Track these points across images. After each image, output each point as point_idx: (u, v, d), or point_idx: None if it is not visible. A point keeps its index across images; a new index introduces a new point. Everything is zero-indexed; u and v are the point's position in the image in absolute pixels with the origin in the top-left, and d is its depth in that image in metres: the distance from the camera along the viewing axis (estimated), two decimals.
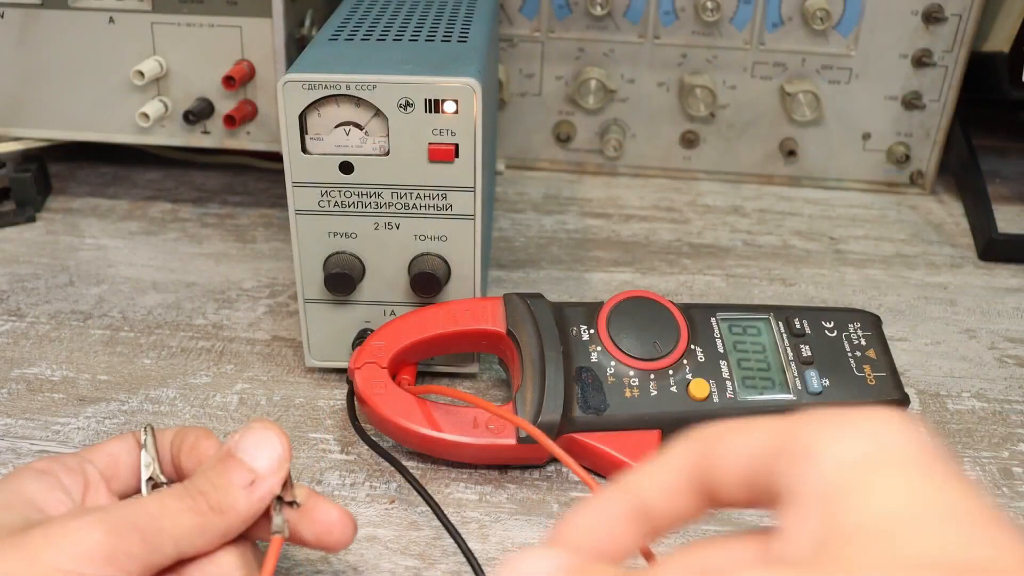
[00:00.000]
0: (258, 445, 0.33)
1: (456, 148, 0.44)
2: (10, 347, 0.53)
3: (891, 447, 0.23)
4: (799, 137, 0.73)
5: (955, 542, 0.20)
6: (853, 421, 0.24)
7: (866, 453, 0.22)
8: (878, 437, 0.23)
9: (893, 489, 0.22)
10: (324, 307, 0.49)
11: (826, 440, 0.23)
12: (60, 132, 0.65)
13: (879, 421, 0.23)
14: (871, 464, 0.22)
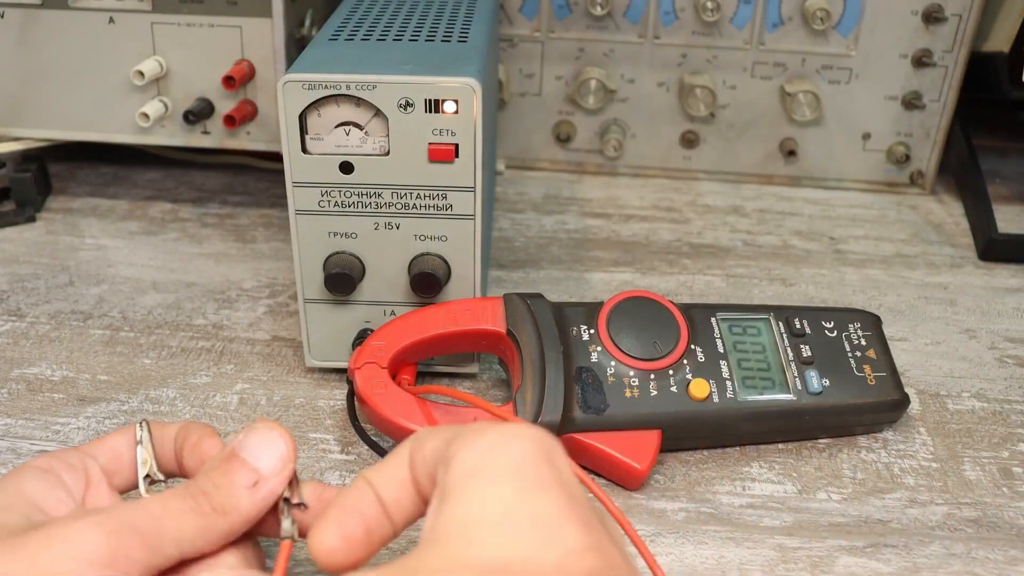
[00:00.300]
0: (261, 445, 0.33)
1: (456, 148, 0.44)
2: (10, 347, 0.53)
3: (499, 458, 0.27)
4: (799, 137, 0.73)
5: (522, 545, 0.24)
6: (484, 432, 0.28)
7: (475, 463, 0.27)
8: (493, 448, 0.27)
9: (483, 496, 0.26)
10: (324, 307, 0.49)
11: (459, 448, 0.28)
12: (60, 132, 0.65)
13: (503, 434, 0.27)
14: (475, 472, 0.26)
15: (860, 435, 0.48)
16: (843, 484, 0.45)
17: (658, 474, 0.45)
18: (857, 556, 0.41)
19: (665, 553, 0.41)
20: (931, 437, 0.48)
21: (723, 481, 0.45)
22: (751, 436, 0.47)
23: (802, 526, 0.43)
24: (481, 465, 0.27)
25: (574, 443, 0.44)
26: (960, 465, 0.46)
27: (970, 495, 0.45)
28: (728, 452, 0.47)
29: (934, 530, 0.42)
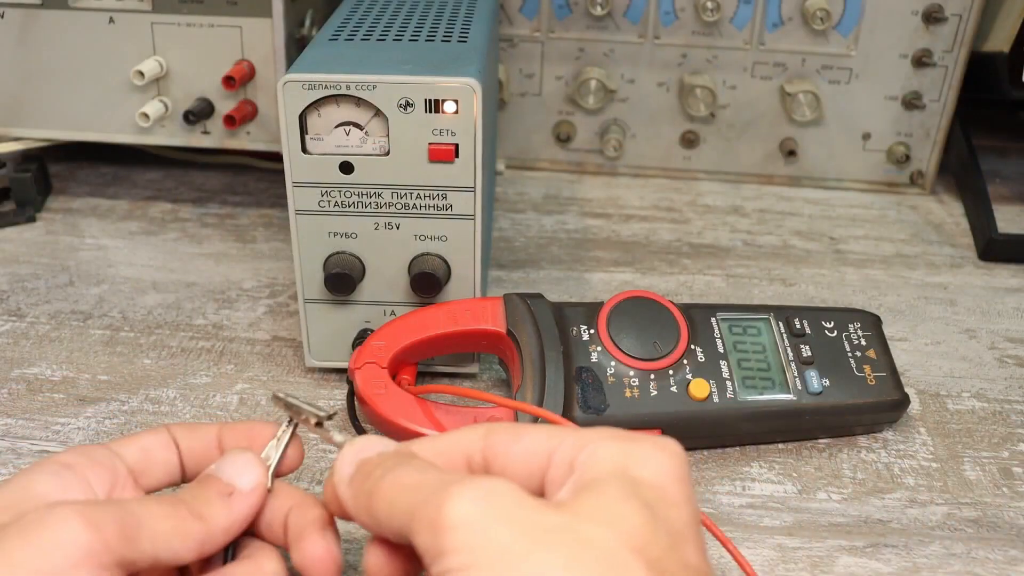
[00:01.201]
0: (235, 465, 0.34)
1: (456, 148, 0.44)
2: (10, 347, 0.53)
3: (640, 470, 0.29)
4: (799, 137, 0.73)
5: (649, 536, 0.27)
6: (623, 439, 0.30)
7: (619, 466, 0.29)
8: (635, 460, 0.30)
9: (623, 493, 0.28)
10: (324, 307, 0.49)
11: (597, 446, 0.30)
12: (60, 132, 0.65)
13: (644, 448, 0.30)
14: (619, 473, 0.29)
15: (860, 435, 0.48)
16: (843, 484, 0.45)
17: None
18: (857, 556, 0.41)
19: None
20: (931, 437, 0.48)
21: (723, 481, 0.45)
22: (751, 436, 0.47)
23: (802, 526, 0.43)
24: (638, 464, 0.29)
25: None
26: (960, 465, 0.46)
27: (970, 495, 0.45)
28: (728, 452, 0.47)
29: (934, 530, 0.42)
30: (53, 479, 0.31)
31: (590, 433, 0.31)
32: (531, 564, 0.25)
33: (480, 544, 0.26)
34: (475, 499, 0.27)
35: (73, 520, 0.28)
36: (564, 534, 0.26)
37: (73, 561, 0.28)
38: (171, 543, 0.31)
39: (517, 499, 0.27)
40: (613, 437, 0.30)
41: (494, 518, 0.26)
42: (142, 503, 0.31)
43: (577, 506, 0.27)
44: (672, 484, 0.29)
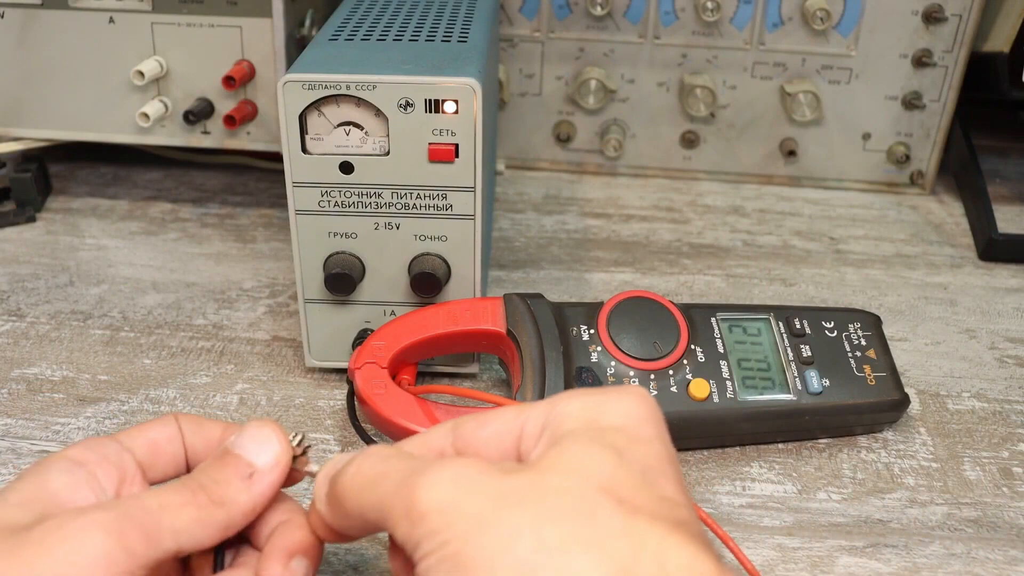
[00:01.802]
0: (255, 441, 0.33)
1: (456, 148, 0.44)
2: (10, 347, 0.53)
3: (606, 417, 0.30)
4: (799, 137, 0.73)
5: (619, 479, 0.27)
6: (590, 394, 0.31)
7: (588, 418, 0.30)
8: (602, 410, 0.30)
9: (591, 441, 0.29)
10: (324, 307, 0.49)
11: (563, 402, 0.31)
12: (60, 132, 0.65)
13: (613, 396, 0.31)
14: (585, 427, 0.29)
15: (860, 435, 0.48)
16: (843, 484, 0.45)
17: None
18: (857, 556, 0.41)
19: None
20: (931, 437, 0.48)
21: (723, 481, 0.45)
22: (751, 436, 0.47)
23: (802, 526, 0.43)
24: (602, 414, 0.30)
25: None
26: (960, 465, 0.46)
27: (970, 495, 0.45)
28: (728, 452, 0.47)
29: (934, 530, 0.42)
30: (66, 476, 0.31)
31: (556, 396, 0.31)
32: (503, 525, 0.26)
33: (453, 521, 0.26)
34: (443, 480, 0.27)
35: (94, 529, 0.28)
36: (531, 491, 0.27)
37: (96, 570, 0.28)
38: (193, 533, 0.30)
39: (482, 470, 0.28)
40: (579, 394, 0.31)
41: (463, 493, 0.27)
42: (160, 497, 0.31)
43: (543, 463, 0.28)
44: (639, 424, 0.30)
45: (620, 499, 0.26)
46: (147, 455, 0.34)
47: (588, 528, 0.25)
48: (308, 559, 0.32)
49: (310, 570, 0.32)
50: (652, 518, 0.26)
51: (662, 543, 0.25)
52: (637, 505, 0.26)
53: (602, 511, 0.26)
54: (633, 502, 0.26)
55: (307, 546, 0.32)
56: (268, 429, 0.33)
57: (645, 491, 0.27)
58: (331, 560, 0.40)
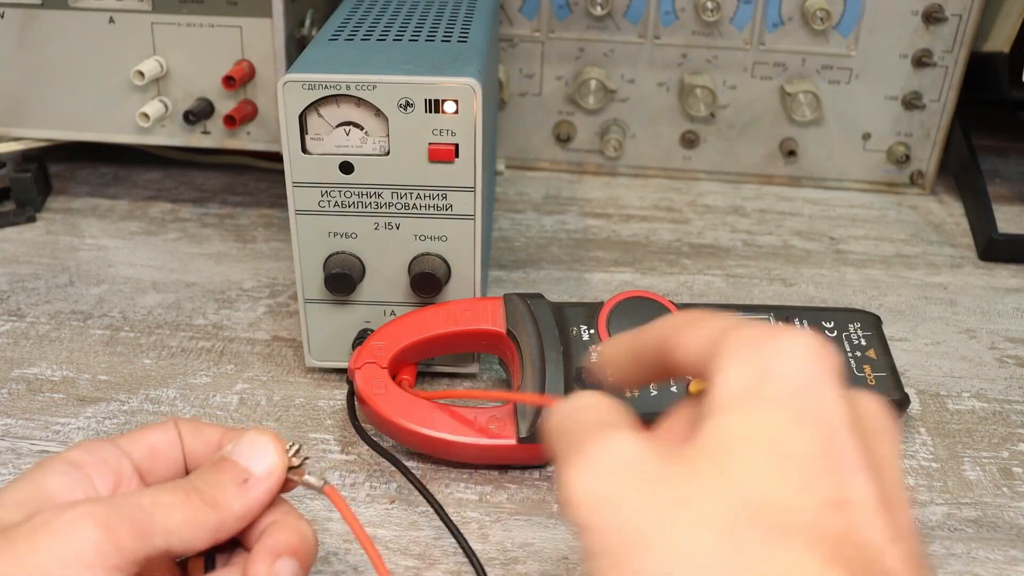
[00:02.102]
0: (252, 448, 0.33)
1: (456, 148, 0.44)
2: (10, 347, 0.53)
3: (770, 383, 0.26)
4: (799, 137, 0.73)
5: (782, 487, 0.24)
6: (758, 346, 0.26)
7: (746, 384, 0.26)
8: (766, 369, 0.26)
9: (751, 421, 0.25)
10: (324, 307, 0.49)
11: (727, 361, 0.27)
12: (60, 132, 0.65)
13: (776, 353, 0.26)
14: (743, 396, 0.26)
15: None
16: None
17: None
18: None
19: None
20: (931, 437, 0.48)
21: None
22: None
23: None
24: (752, 388, 0.26)
25: None
26: (960, 465, 0.46)
27: (970, 495, 0.45)
28: None
29: (934, 530, 0.42)
30: (62, 478, 0.31)
31: (722, 335, 0.27)
32: (660, 546, 0.24)
33: (606, 522, 0.25)
34: (596, 470, 0.25)
35: (84, 522, 0.28)
36: (684, 500, 0.24)
37: (84, 563, 0.28)
38: (184, 534, 0.30)
39: (638, 459, 0.25)
40: (742, 344, 0.27)
41: (615, 490, 0.25)
42: (153, 495, 0.31)
43: (696, 454, 0.25)
44: (806, 394, 0.25)
45: (774, 527, 0.23)
46: (145, 459, 0.34)
47: (738, 558, 0.23)
48: (296, 560, 0.32)
49: (298, 571, 0.32)
50: (808, 546, 0.23)
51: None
52: (794, 528, 0.23)
53: (752, 550, 0.23)
54: (790, 525, 0.23)
55: (295, 547, 0.32)
56: (266, 438, 0.34)
57: (806, 499, 0.24)
58: (331, 560, 0.40)
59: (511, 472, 0.45)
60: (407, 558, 0.40)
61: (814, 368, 0.26)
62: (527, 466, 0.45)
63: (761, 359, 0.26)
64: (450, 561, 0.40)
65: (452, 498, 0.44)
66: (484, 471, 0.45)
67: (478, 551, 0.40)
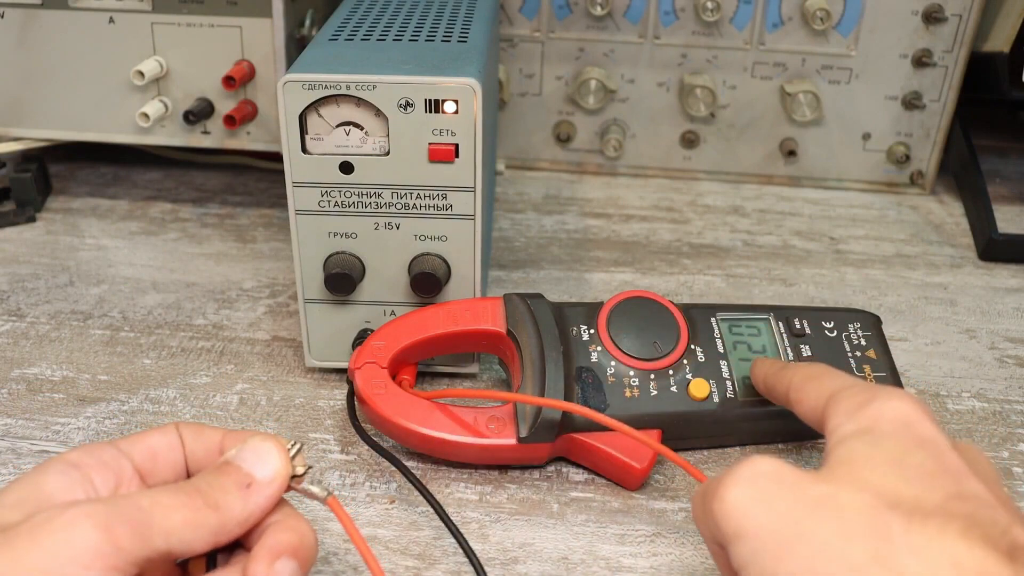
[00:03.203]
0: (256, 453, 0.33)
1: (456, 148, 0.44)
2: (10, 347, 0.53)
3: (882, 422, 0.32)
4: (799, 137, 0.73)
5: (910, 486, 0.29)
6: (866, 403, 0.33)
7: (862, 427, 0.32)
8: (877, 415, 0.32)
9: (879, 443, 0.31)
10: (324, 307, 0.49)
11: (841, 419, 0.33)
12: (60, 132, 0.65)
13: (882, 402, 0.32)
14: (860, 432, 0.31)
15: None
16: None
17: (658, 474, 0.45)
18: None
19: (665, 553, 0.41)
20: None
21: None
22: (751, 436, 0.47)
23: None
24: (868, 427, 0.31)
25: (574, 443, 0.44)
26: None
27: None
28: (728, 452, 0.47)
29: None
30: (61, 479, 0.31)
31: (833, 394, 0.34)
32: (810, 543, 0.27)
33: (755, 529, 0.29)
34: (741, 484, 0.30)
35: (83, 522, 0.28)
36: (828, 507, 0.28)
37: (83, 563, 0.28)
38: (184, 535, 0.30)
39: (781, 476, 0.30)
40: (850, 395, 0.33)
41: (763, 500, 0.29)
42: (154, 496, 0.31)
43: (832, 473, 0.30)
44: (914, 425, 0.31)
45: (910, 511, 0.27)
46: (146, 461, 0.34)
47: (886, 547, 0.27)
48: (296, 560, 0.32)
49: (298, 571, 0.32)
50: (944, 522, 0.27)
51: (955, 549, 0.26)
52: (928, 511, 0.27)
53: (895, 528, 0.27)
54: (923, 509, 0.27)
55: (295, 547, 0.32)
56: (270, 444, 0.34)
57: (932, 493, 0.28)
58: (331, 560, 0.40)
59: (511, 472, 0.45)
60: (407, 558, 0.40)
61: (915, 410, 0.31)
62: (527, 466, 0.45)
63: (869, 409, 0.32)
64: (450, 561, 0.40)
65: (452, 498, 0.44)
66: (484, 471, 0.45)
67: (478, 551, 0.40)
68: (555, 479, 0.45)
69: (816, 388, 0.36)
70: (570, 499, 0.44)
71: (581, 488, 0.45)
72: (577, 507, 0.43)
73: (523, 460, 0.45)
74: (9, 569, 0.27)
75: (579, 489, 0.44)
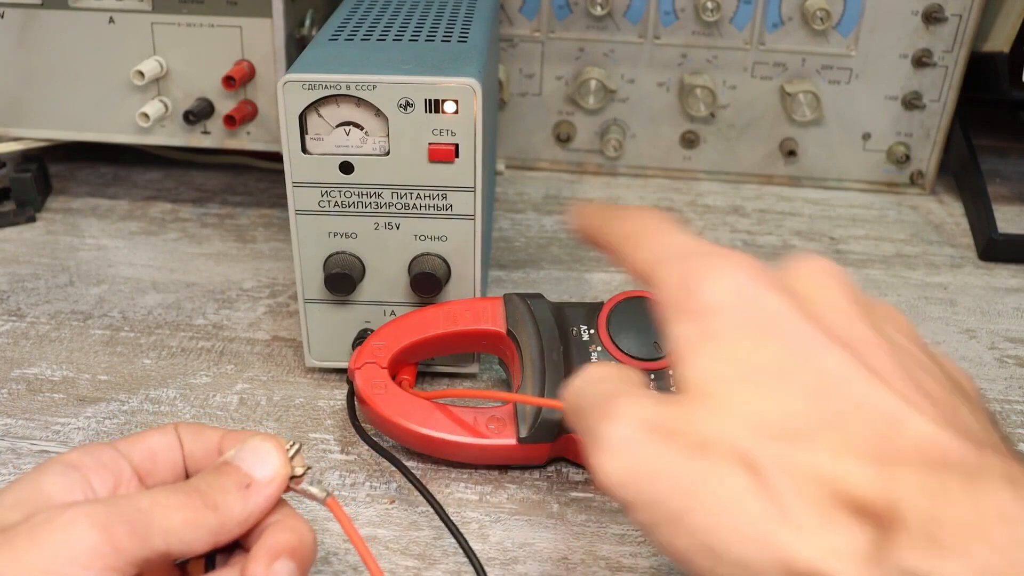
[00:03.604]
0: (256, 453, 0.33)
1: (456, 148, 0.44)
2: (10, 347, 0.53)
3: (713, 317, 0.27)
4: (799, 137, 0.73)
5: (759, 401, 0.25)
6: (690, 278, 0.28)
7: (694, 332, 0.28)
8: (703, 305, 0.28)
9: (711, 362, 0.27)
10: (324, 307, 0.49)
11: (666, 297, 0.29)
12: (60, 132, 0.65)
13: (706, 282, 0.28)
14: (697, 340, 0.27)
15: None
16: None
17: None
18: None
19: None
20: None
21: None
22: None
23: None
24: (702, 331, 0.27)
25: (574, 443, 0.44)
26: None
27: None
28: None
29: None
30: (60, 479, 0.31)
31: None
32: (694, 508, 0.25)
33: (645, 501, 0.26)
34: (610, 456, 0.27)
35: (81, 522, 0.28)
36: (704, 459, 0.25)
37: (82, 563, 0.28)
38: (183, 535, 0.30)
39: (644, 432, 0.27)
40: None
41: (640, 470, 0.26)
42: (153, 496, 0.31)
43: (695, 412, 0.27)
44: (751, 307, 0.28)
45: (785, 433, 0.25)
46: (144, 462, 0.34)
47: (775, 475, 0.24)
48: (295, 560, 0.32)
49: (296, 572, 0.32)
50: (824, 439, 0.25)
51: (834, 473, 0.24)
52: (801, 431, 0.25)
53: (777, 453, 0.25)
54: (795, 428, 0.25)
55: (293, 548, 0.32)
56: (270, 444, 0.34)
57: (795, 403, 0.26)
58: (331, 560, 0.40)
59: (511, 472, 0.45)
60: (407, 558, 0.40)
61: (749, 280, 0.27)
62: (527, 466, 0.45)
63: (697, 295, 0.28)
64: (450, 561, 0.40)
65: (452, 498, 0.44)
66: (484, 471, 0.45)
67: (478, 551, 0.40)
68: (555, 479, 0.45)
69: (647, 249, 0.31)
70: (570, 499, 0.44)
71: (581, 488, 0.45)
72: (577, 507, 0.43)
73: (523, 460, 0.45)
74: (8, 569, 0.27)
75: (579, 489, 0.44)
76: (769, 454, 0.24)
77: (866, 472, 0.24)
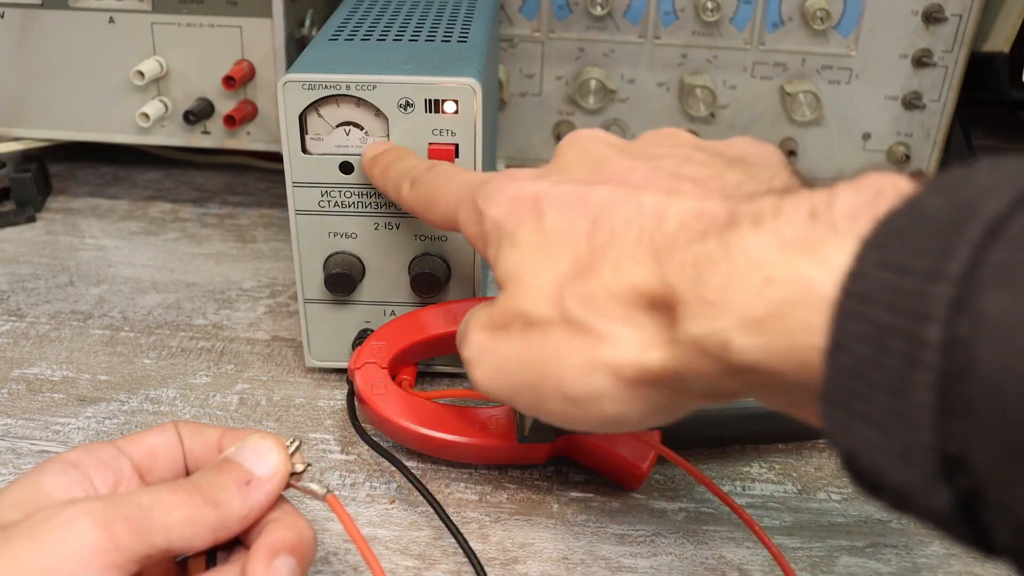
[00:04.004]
0: (256, 450, 0.33)
1: (456, 148, 0.44)
2: (10, 347, 0.53)
3: (499, 227, 0.34)
4: (799, 137, 0.73)
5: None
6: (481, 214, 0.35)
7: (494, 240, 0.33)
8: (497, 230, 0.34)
9: (511, 259, 0.32)
10: (324, 307, 0.49)
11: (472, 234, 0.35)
12: (60, 132, 0.65)
13: (488, 201, 0.36)
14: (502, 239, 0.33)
15: None
16: (843, 484, 0.45)
17: (658, 474, 0.45)
18: (857, 556, 0.41)
19: (665, 553, 0.41)
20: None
21: (723, 481, 0.45)
22: (751, 436, 0.47)
23: (802, 526, 0.43)
24: (496, 241, 0.33)
25: (574, 443, 0.44)
26: None
27: None
28: (728, 452, 0.47)
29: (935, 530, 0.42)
30: (60, 478, 0.31)
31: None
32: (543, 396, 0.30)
33: (508, 396, 0.31)
34: (478, 365, 0.32)
35: (82, 519, 0.28)
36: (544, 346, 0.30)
37: (83, 561, 0.28)
38: (183, 532, 0.30)
39: (494, 338, 0.32)
40: None
41: (499, 376, 0.32)
42: (154, 493, 0.31)
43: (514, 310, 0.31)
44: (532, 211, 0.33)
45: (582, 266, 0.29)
46: (145, 460, 0.34)
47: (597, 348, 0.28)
48: (295, 557, 0.32)
49: (296, 569, 0.32)
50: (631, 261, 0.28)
51: None
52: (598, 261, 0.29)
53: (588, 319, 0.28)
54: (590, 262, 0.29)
55: (293, 545, 0.32)
56: (270, 441, 0.34)
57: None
58: (331, 560, 0.40)
59: (511, 472, 0.45)
60: (407, 558, 0.40)
61: (511, 188, 0.35)
62: (527, 466, 0.45)
63: (484, 216, 0.34)
64: (450, 561, 0.40)
65: (452, 498, 0.44)
66: (484, 471, 0.45)
67: (478, 551, 0.40)
68: (555, 479, 0.45)
69: (445, 198, 0.38)
70: (570, 499, 0.44)
71: (581, 488, 0.45)
72: (577, 507, 0.43)
73: (523, 460, 0.45)
74: (9, 568, 0.27)
75: (579, 489, 0.44)
76: (572, 301, 0.28)
77: (644, 270, 0.27)
